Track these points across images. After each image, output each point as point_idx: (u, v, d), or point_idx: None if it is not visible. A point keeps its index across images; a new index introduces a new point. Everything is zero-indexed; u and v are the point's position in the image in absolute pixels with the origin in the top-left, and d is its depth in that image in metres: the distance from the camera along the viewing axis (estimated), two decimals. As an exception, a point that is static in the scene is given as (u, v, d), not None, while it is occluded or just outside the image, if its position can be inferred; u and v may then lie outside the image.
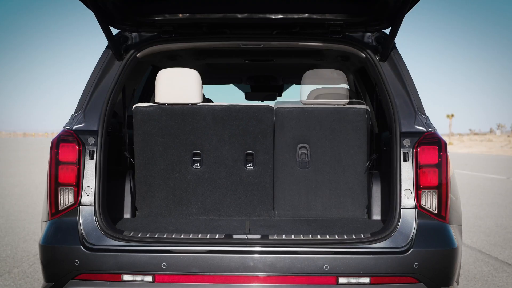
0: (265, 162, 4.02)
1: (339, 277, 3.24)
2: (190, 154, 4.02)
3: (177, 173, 4.01)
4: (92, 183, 3.42)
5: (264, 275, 3.24)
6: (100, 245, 3.30)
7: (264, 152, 4.02)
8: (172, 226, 3.68)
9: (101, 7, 3.53)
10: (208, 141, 4.00)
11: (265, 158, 4.02)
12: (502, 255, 7.14)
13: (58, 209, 3.40)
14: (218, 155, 4.01)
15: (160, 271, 3.24)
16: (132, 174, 4.13)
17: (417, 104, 3.61)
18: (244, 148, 4.01)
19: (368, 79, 5.53)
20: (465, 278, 5.92)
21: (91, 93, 3.64)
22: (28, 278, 5.78)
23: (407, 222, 3.35)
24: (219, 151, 4.01)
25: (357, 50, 3.87)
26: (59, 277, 3.31)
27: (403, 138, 3.48)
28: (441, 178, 3.40)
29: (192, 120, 3.98)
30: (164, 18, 3.76)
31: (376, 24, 3.82)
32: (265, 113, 3.99)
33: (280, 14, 3.71)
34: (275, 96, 7.78)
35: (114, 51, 3.75)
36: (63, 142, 3.45)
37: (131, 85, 5.11)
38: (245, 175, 4.03)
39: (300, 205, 4.12)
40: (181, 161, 4.01)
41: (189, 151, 4.01)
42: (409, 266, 3.26)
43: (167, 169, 4.01)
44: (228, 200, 4.04)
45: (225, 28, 3.94)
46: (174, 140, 4.00)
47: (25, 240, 7.74)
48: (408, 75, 3.72)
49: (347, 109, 4.14)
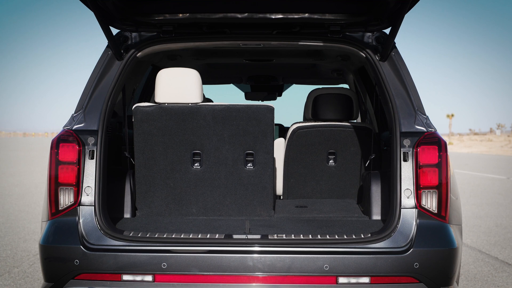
0: (265, 162, 4.02)
1: (339, 277, 3.24)
2: (190, 154, 4.01)
3: (177, 173, 4.01)
4: (92, 183, 3.42)
5: (264, 275, 3.24)
6: (100, 245, 3.30)
7: (264, 152, 4.02)
8: (172, 226, 3.68)
9: (101, 7, 3.53)
10: (208, 141, 4.00)
11: (265, 158, 4.02)
12: (502, 254, 7.14)
13: (58, 209, 3.40)
14: (218, 155, 4.01)
15: (160, 271, 3.24)
16: (132, 174, 4.13)
17: (417, 104, 3.61)
18: (244, 148, 4.01)
19: (368, 79, 5.53)
20: (465, 278, 5.92)
21: (91, 93, 3.64)
22: (28, 278, 5.78)
23: (407, 222, 3.35)
24: (219, 151, 4.01)
25: (357, 50, 3.87)
26: (59, 277, 3.31)
27: (403, 138, 3.48)
28: (441, 178, 3.39)
29: (192, 120, 3.98)
30: (164, 18, 3.76)
31: (376, 24, 3.82)
32: (265, 113, 3.99)
33: (280, 14, 3.71)
34: (275, 96, 7.78)
35: (114, 51, 3.75)
36: (63, 142, 3.45)
37: (131, 85, 5.10)
38: (245, 175, 4.03)
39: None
40: (181, 161, 4.00)
41: (189, 151, 4.01)
42: (409, 266, 3.26)
43: (167, 169, 4.01)
44: (228, 200, 4.04)
45: (225, 28, 3.94)
46: (174, 140, 4.00)
47: (25, 240, 7.74)
48: (408, 75, 3.71)
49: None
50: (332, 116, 4.71)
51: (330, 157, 4.74)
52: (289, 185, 4.80)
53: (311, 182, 4.77)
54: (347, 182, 4.76)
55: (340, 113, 4.71)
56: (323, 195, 4.78)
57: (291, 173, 4.78)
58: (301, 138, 4.69)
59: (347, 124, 4.70)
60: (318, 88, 4.80)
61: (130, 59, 3.81)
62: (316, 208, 4.23)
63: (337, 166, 4.76)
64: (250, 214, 4.06)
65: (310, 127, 4.69)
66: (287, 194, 4.82)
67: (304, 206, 4.30)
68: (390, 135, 3.65)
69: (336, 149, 4.73)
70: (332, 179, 4.76)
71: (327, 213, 4.10)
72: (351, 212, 4.14)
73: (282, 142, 4.90)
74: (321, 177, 4.76)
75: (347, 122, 4.74)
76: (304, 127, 4.69)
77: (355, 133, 4.68)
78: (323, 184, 4.77)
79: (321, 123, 4.70)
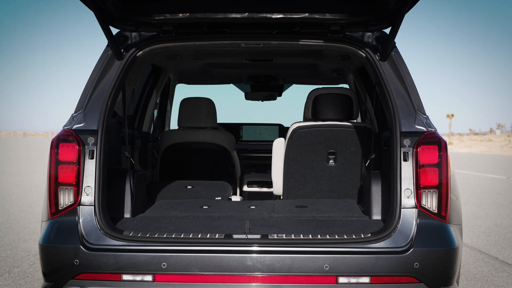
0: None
1: (339, 277, 3.24)
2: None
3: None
4: (92, 182, 3.42)
5: (264, 274, 3.24)
6: (100, 244, 3.30)
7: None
8: (172, 226, 3.68)
9: (101, 7, 3.53)
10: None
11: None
12: (502, 254, 7.14)
13: (58, 208, 3.40)
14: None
15: (160, 271, 3.24)
16: (132, 174, 4.13)
17: (417, 104, 3.60)
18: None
19: (368, 79, 5.53)
20: (465, 278, 5.92)
21: (91, 92, 3.64)
22: (28, 278, 5.78)
23: (407, 222, 3.34)
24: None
25: (357, 50, 3.86)
26: (59, 276, 3.31)
27: (403, 138, 3.47)
28: (441, 178, 3.39)
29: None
30: (164, 17, 3.75)
31: (376, 23, 3.82)
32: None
33: (280, 13, 3.70)
34: (275, 96, 7.78)
35: (114, 50, 3.75)
36: (63, 141, 3.45)
37: (131, 85, 5.10)
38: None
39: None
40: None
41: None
42: (409, 266, 3.26)
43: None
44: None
45: (225, 28, 3.93)
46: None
47: (25, 240, 7.74)
48: (408, 75, 3.71)
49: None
50: (332, 116, 4.71)
51: (330, 157, 4.73)
52: (289, 185, 4.80)
53: (311, 182, 4.77)
54: (347, 182, 4.76)
55: (340, 113, 4.71)
56: (323, 195, 4.78)
57: (291, 173, 4.77)
58: (301, 138, 4.69)
59: (347, 124, 4.70)
60: (318, 88, 4.80)
61: (130, 59, 3.80)
62: (316, 208, 4.22)
63: (337, 166, 4.75)
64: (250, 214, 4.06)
65: (310, 127, 4.68)
66: (287, 194, 4.81)
67: (304, 206, 4.30)
68: (390, 135, 3.65)
69: (336, 149, 4.73)
70: (332, 179, 4.76)
71: (327, 213, 4.10)
72: (351, 212, 4.13)
73: (282, 142, 4.90)
74: (321, 177, 4.76)
75: (347, 122, 4.74)
76: (304, 127, 4.69)
77: (355, 133, 4.68)
78: (323, 184, 4.76)
79: (321, 123, 4.70)
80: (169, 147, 5.53)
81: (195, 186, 5.01)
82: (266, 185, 6.57)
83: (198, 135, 5.53)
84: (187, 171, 5.61)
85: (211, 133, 5.56)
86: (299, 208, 4.27)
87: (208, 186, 5.06)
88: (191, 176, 5.49)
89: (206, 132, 5.54)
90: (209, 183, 5.16)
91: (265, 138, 7.73)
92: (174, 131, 5.68)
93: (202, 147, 5.57)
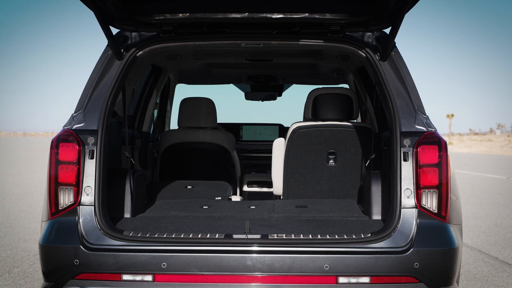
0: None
1: (339, 277, 3.24)
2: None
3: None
4: (92, 182, 3.42)
5: (264, 274, 3.24)
6: (100, 244, 3.30)
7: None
8: (172, 226, 3.68)
9: (101, 7, 3.53)
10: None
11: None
12: (502, 254, 7.14)
13: (58, 208, 3.40)
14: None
15: (160, 270, 3.24)
16: (132, 174, 4.13)
17: (417, 104, 3.60)
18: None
19: (368, 79, 5.53)
20: (465, 278, 5.92)
21: (91, 92, 3.64)
22: (28, 278, 5.78)
23: (407, 222, 3.34)
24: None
25: (357, 50, 3.86)
26: (59, 276, 3.31)
27: (403, 138, 3.47)
28: (441, 178, 3.39)
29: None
30: (164, 17, 3.75)
31: (376, 23, 3.82)
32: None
33: (280, 13, 3.70)
34: (275, 96, 7.78)
35: (114, 50, 3.75)
36: (63, 141, 3.45)
37: (131, 85, 5.10)
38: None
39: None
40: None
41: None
42: (409, 266, 3.26)
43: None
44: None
45: (225, 28, 3.93)
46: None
47: (25, 240, 7.74)
48: (408, 75, 3.71)
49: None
50: (332, 116, 4.71)
51: (330, 157, 4.73)
52: (289, 185, 4.80)
53: (311, 182, 4.77)
54: (347, 182, 4.76)
55: (340, 113, 4.71)
56: (323, 195, 4.77)
57: (291, 173, 4.77)
58: (301, 138, 4.69)
59: (347, 124, 4.70)
60: (318, 88, 4.80)
61: (130, 58, 3.80)
62: (316, 208, 4.22)
63: (337, 166, 4.75)
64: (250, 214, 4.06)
65: (310, 127, 4.68)
66: (287, 194, 4.81)
67: (304, 206, 4.30)
68: (390, 135, 3.65)
69: (336, 149, 4.73)
70: (332, 179, 4.76)
71: (327, 213, 4.10)
72: (351, 212, 4.13)
73: (282, 142, 4.90)
74: (321, 177, 4.76)
75: (347, 122, 4.73)
76: (304, 127, 4.69)
77: (355, 133, 4.68)
78: (323, 184, 4.76)
79: (321, 123, 4.70)
80: (169, 147, 5.53)
81: (195, 186, 5.01)
82: (266, 185, 6.57)
83: (198, 135, 5.53)
84: (187, 171, 5.62)
85: (211, 133, 5.56)
86: (299, 208, 4.27)
87: (208, 186, 5.06)
88: (191, 176, 5.49)
89: (206, 132, 5.54)
90: (209, 183, 5.16)
91: (265, 138, 7.73)
92: (174, 131, 5.68)
93: (202, 147, 5.57)
